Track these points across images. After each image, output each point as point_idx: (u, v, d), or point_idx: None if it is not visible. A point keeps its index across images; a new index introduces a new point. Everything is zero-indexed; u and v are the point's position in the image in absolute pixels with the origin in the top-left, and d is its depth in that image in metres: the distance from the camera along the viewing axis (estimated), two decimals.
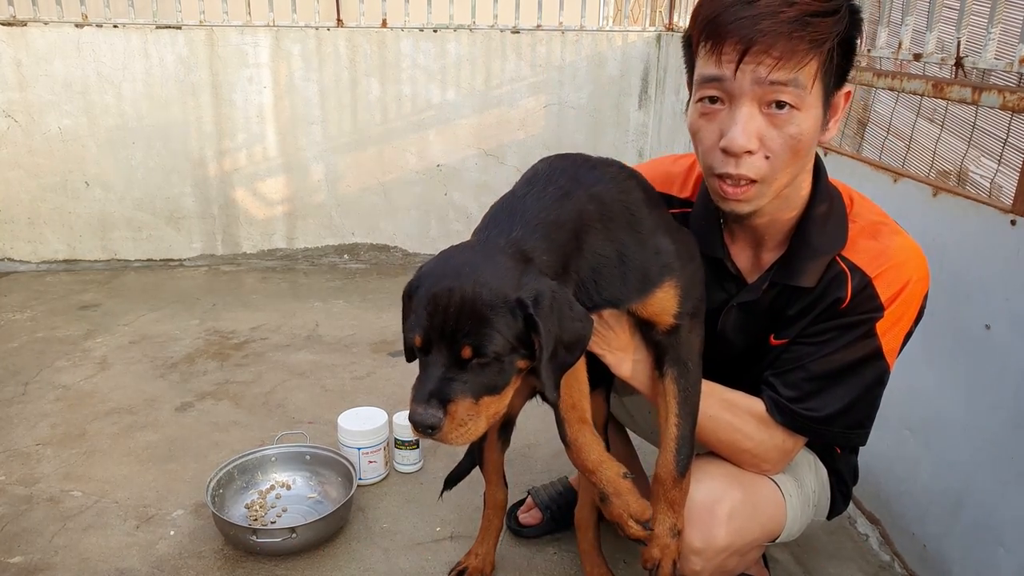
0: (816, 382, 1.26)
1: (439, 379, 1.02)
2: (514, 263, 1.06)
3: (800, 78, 1.07)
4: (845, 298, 1.23)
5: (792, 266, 1.26)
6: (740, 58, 1.07)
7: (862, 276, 1.22)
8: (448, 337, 1.02)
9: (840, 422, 1.27)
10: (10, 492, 2.00)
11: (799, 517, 1.41)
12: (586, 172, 1.20)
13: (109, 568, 1.74)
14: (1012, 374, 1.45)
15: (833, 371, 1.25)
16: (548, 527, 1.86)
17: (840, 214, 1.27)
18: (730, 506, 1.28)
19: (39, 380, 2.62)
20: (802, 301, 1.27)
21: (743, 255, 1.34)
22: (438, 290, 1.03)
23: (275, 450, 2.03)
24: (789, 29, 1.05)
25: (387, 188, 3.85)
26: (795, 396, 1.27)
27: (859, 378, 1.25)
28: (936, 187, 1.70)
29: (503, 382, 1.05)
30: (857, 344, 1.24)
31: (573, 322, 1.07)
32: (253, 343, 2.95)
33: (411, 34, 3.63)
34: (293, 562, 1.76)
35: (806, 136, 1.11)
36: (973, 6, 1.71)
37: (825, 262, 1.24)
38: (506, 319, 1.02)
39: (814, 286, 1.25)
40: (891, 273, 1.22)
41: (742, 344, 1.36)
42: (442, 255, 1.10)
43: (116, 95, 3.53)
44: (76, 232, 3.71)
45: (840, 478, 1.50)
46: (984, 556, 1.52)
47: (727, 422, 1.30)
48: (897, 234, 1.26)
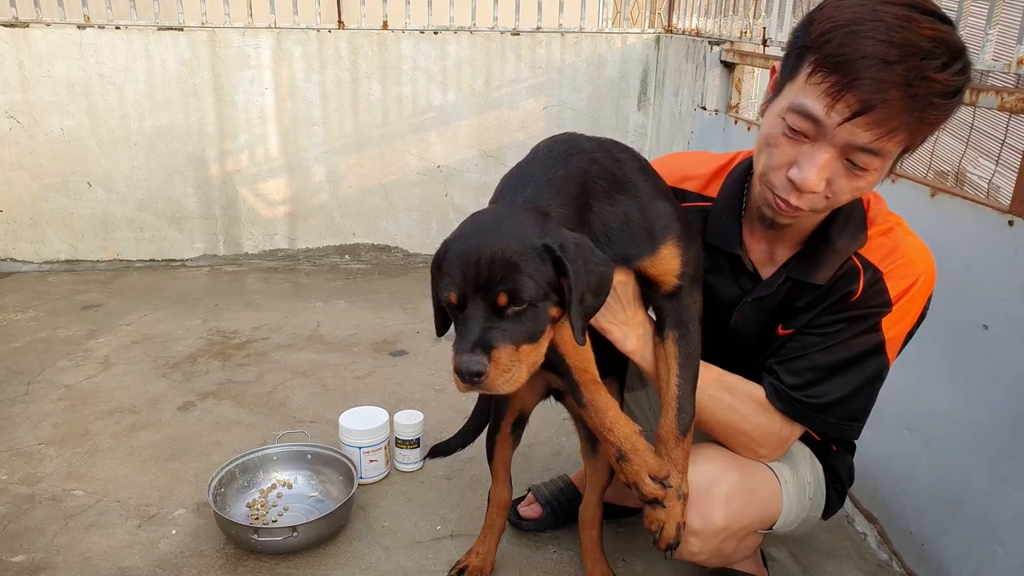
0: (818, 371, 1.28)
1: (480, 329, 1.05)
2: (534, 217, 1.10)
3: (891, 148, 1.07)
4: (856, 291, 1.26)
5: (810, 263, 1.29)
6: (851, 116, 1.04)
7: (874, 271, 1.26)
8: (483, 288, 1.05)
9: (837, 412, 1.30)
10: (12, 491, 2.01)
11: (794, 505, 1.42)
12: (585, 142, 1.25)
13: (111, 567, 1.75)
14: (1010, 374, 1.46)
15: (836, 362, 1.27)
16: (548, 522, 1.87)
17: (860, 216, 1.30)
18: (727, 488, 1.30)
19: (41, 380, 2.63)
20: (812, 294, 1.30)
21: (757, 248, 1.37)
22: (467, 248, 1.07)
23: (276, 449, 2.04)
24: (913, 106, 1.01)
25: (388, 189, 3.86)
26: (796, 384, 1.29)
27: (860, 371, 1.28)
28: (934, 188, 1.70)
29: (539, 329, 1.09)
30: (862, 337, 1.26)
31: (597, 266, 1.11)
32: (255, 343, 2.96)
33: (412, 36, 3.64)
34: (294, 561, 1.77)
35: (869, 189, 1.16)
36: (971, 7, 1.72)
37: (842, 261, 1.27)
38: (536, 264, 1.05)
39: (827, 284, 1.28)
40: (902, 270, 1.25)
41: (753, 336, 1.39)
42: (464, 223, 1.14)
43: (118, 96, 3.54)
44: (78, 232, 3.72)
45: (835, 475, 1.51)
46: (982, 554, 1.53)
47: (726, 403, 1.32)
48: (909, 235, 1.30)
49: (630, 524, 1.90)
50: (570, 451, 2.22)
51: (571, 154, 1.21)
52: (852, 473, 1.56)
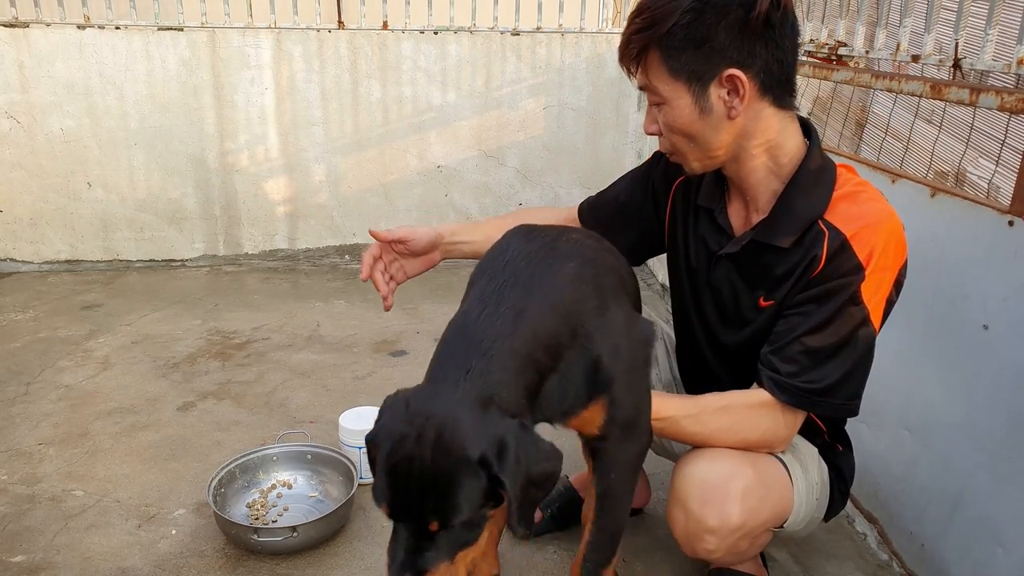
0: (812, 355, 1.29)
1: (411, 549, 1.02)
2: (473, 410, 1.02)
3: (651, 83, 1.30)
4: (822, 256, 1.28)
5: (771, 226, 1.34)
6: (627, 69, 1.33)
7: (837, 234, 1.28)
8: (414, 511, 1.01)
9: (838, 393, 1.31)
10: (12, 491, 2.01)
11: (804, 503, 1.43)
12: (541, 276, 1.17)
13: (111, 567, 1.75)
14: (1010, 374, 1.46)
15: (829, 344, 1.28)
16: (548, 526, 1.86)
17: (828, 183, 1.33)
18: (744, 485, 1.32)
19: (41, 380, 2.63)
20: (784, 259, 1.33)
21: (737, 214, 1.43)
22: (397, 460, 1.00)
23: (276, 449, 2.04)
24: (624, 45, 1.30)
25: (388, 189, 3.86)
26: (794, 371, 1.30)
27: (853, 348, 1.28)
28: (934, 188, 1.70)
29: (475, 536, 1.06)
30: (846, 312, 1.27)
31: (540, 463, 1.06)
32: (255, 343, 2.96)
33: (412, 36, 3.64)
34: (294, 561, 1.77)
35: (681, 121, 1.29)
36: (971, 8, 1.72)
37: (804, 225, 1.31)
38: (470, 483, 0.99)
39: (790, 247, 1.31)
40: (866, 232, 1.27)
41: (731, 297, 1.43)
42: (398, 404, 1.05)
43: (118, 96, 3.54)
44: (78, 232, 3.72)
45: (840, 475, 1.52)
46: (982, 555, 1.53)
47: (728, 429, 1.34)
48: (875, 200, 1.32)
49: (630, 524, 1.90)
50: (570, 451, 2.22)
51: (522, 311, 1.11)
52: (854, 471, 1.57)
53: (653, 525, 1.91)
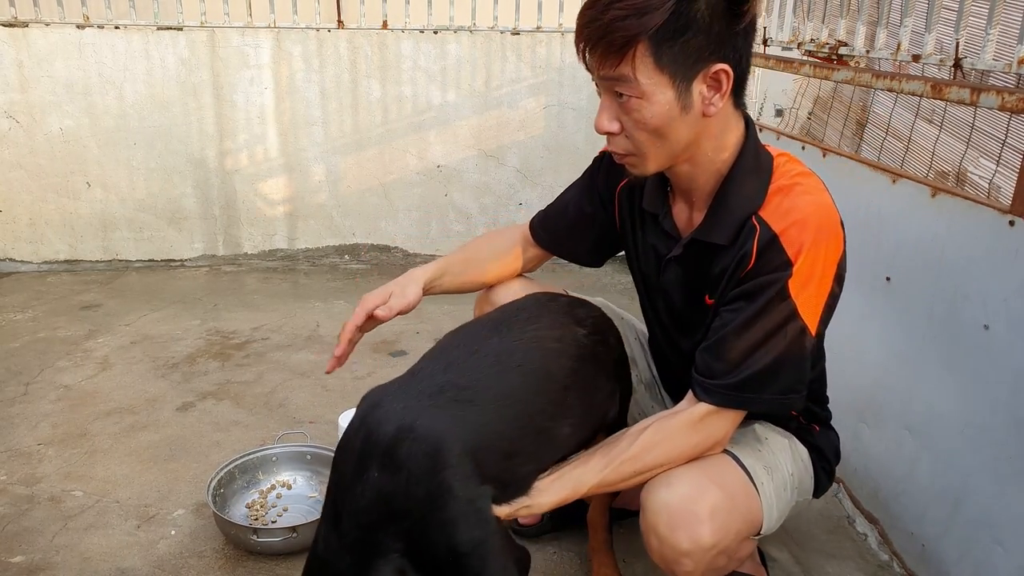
0: (740, 351, 1.25)
1: None
2: None
3: (625, 73, 1.18)
4: (751, 252, 1.25)
5: (710, 224, 1.32)
6: (584, 57, 1.22)
7: (767, 230, 1.25)
8: None
9: (770, 388, 1.27)
10: (11, 492, 2.01)
11: (775, 506, 1.41)
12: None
13: (110, 567, 1.74)
14: (1010, 374, 1.46)
15: (755, 338, 1.25)
16: (546, 527, 1.86)
17: (764, 177, 1.30)
18: (710, 503, 1.28)
19: (40, 380, 2.63)
20: (723, 259, 1.31)
21: (681, 215, 1.41)
22: None
23: (276, 450, 2.04)
24: (602, 32, 1.17)
25: (388, 189, 3.86)
26: (721, 370, 1.27)
27: (780, 340, 1.25)
28: (935, 188, 1.70)
29: None
30: (774, 307, 1.24)
31: None
32: (254, 343, 2.95)
33: (412, 36, 3.63)
34: (294, 561, 1.77)
35: (655, 119, 1.20)
36: (972, 7, 1.72)
37: (739, 221, 1.28)
38: None
39: (728, 244, 1.29)
40: (795, 229, 1.23)
41: (681, 300, 1.42)
42: None
43: (117, 96, 3.54)
44: (77, 232, 3.71)
45: (821, 455, 1.51)
46: (982, 555, 1.52)
47: (656, 461, 1.31)
48: (808, 193, 1.27)
49: (630, 525, 1.90)
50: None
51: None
52: (838, 452, 1.56)
53: None
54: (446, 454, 1.10)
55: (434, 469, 1.09)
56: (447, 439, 1.11)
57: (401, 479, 1.09)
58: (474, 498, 1.12)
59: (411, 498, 1.09)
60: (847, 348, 1.98)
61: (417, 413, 1.12)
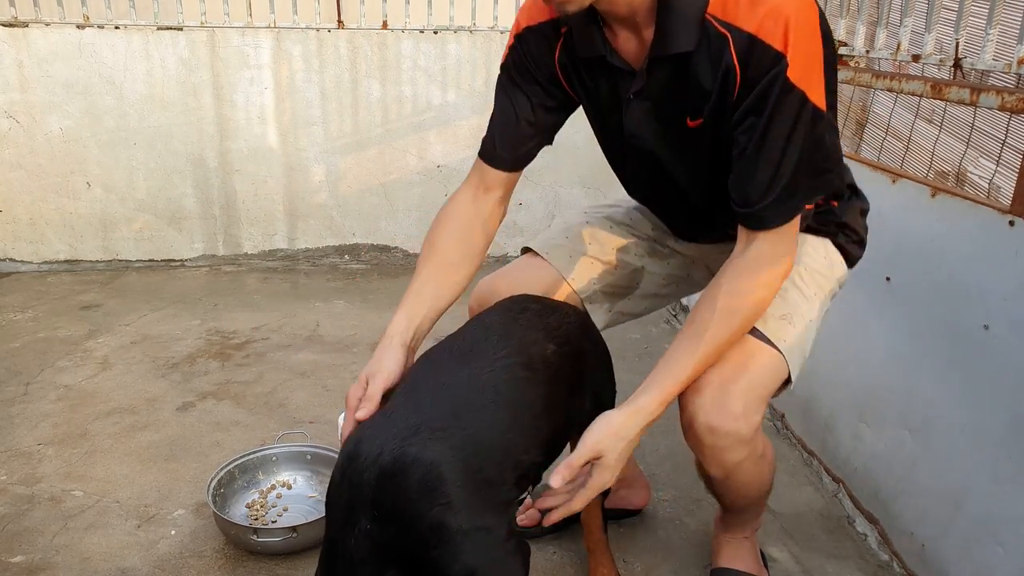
0: (770, 165, 1.20)
1: None
2: None
3: None
4: (734, 63, 1.19)
5: (663, 36, 1.23)
6: None
7: (740, 33, 1.18)
8: None
9: (804, 184, 1.24)
10: (11, 492, 2.01)
11: (797, 356, 1.39)
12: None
13: (110, 567, 1.74)
14: (1010, 374, 1.46)
15: (778, 146, 1.20)
16: (545, 529, 1.86)
17: None
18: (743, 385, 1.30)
19: (40, 380, 2.63)
20: (699, 73, 1.23)
21: (630, 48, 1.30)
22: None
23: (276, 449, 2.04)
24: None
25: (388, 189, 3.86)
26: (760, 192, 1.22)
27: (800, 134, 1.20)
28: (934, 188, 1.70)
29: None
30: (784, 104, 1.18)
31: None
32: (254, 343, 2.95)
33: (412, 35, 3.63)
34: (294, 561, 1.77)
35: None
36: (972, 7, 1.72)
37: (693, 21, 1.20)
38: None
39: (694, 49, 1.21)
40: (770, 18, 1.16)
41: (654, 134, 1.34)
42: None
43: (117, 96, 3.54)
44: (77, 232, 3.72)
45: (846, 230, 1.49)
46: (982, 556, 1.52)
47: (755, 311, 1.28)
48: None
49: (630, 524, 1.90)
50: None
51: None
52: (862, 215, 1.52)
53: (653, 525, 1.91)
54: (434, 491, 1.10)
55: (429, 507, 1.09)
56: (432, 474, 1.11)
57: (391, 527, 1.09)
58: (470, 528, 1.12)
59: (408, 541, 1.09)
60: (847, 348, 1.98)
61: (398, 454, 1.11)
